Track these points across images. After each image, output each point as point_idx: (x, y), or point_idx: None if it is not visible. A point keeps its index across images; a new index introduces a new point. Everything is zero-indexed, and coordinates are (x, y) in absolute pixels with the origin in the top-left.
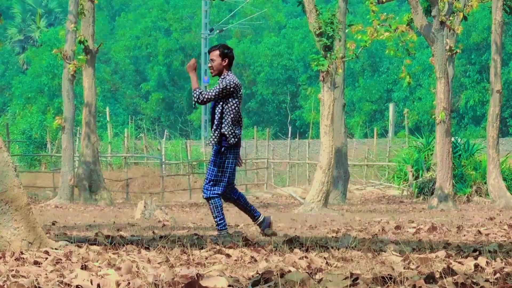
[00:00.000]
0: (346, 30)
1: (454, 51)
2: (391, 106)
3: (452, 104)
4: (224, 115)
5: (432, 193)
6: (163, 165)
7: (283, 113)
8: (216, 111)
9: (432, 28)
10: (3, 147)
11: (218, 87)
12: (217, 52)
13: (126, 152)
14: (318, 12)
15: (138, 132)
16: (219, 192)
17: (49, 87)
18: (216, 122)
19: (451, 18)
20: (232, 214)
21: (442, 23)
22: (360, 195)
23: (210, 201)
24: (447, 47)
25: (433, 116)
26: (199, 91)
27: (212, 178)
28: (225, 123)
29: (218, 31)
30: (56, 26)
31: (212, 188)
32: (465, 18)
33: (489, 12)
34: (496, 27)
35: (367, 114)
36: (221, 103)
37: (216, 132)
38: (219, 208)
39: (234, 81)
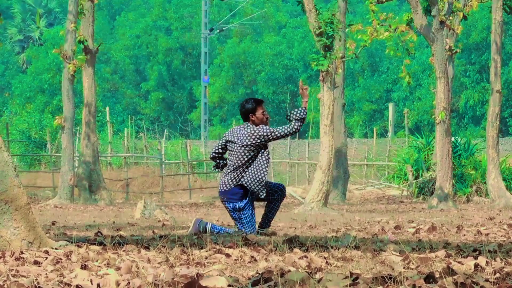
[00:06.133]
0: (346, 30)
1: (454, 51)
2: (391, 106)
3: (452, 104)
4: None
5: (432, 193)
6: (163, 165)
7: (283, 113)
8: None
9: (432, 27)
10: (3, 147)
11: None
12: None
13: (126, 152)
14: (318, 12)
15: (137, 131)
16: None
17: (49, 85)
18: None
19: (451, 17)
20: None
21: (442, 22)
22: (360, 195)
23: None
24: (447, 47)
25: (433, 116)
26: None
27: None
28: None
29: (218, 30)
30: (56, 26)
31: None
32: (465, 17)
33: (489, 12)
34: (496, 27)
35: (366, 114)
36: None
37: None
38: None
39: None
